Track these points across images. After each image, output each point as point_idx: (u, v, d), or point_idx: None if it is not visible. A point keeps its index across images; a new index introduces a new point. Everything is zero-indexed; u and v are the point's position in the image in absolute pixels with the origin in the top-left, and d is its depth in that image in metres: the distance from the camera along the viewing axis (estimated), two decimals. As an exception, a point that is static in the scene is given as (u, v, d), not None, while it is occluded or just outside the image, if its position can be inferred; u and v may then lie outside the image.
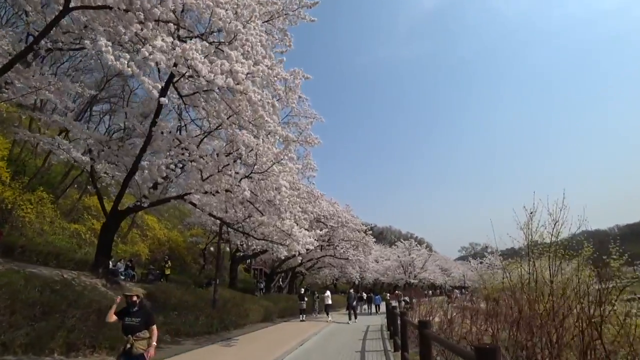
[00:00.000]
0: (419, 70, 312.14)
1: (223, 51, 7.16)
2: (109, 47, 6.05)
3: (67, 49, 11.35)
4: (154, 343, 4.60)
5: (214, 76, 6.39)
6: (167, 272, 18.45)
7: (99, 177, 13.60)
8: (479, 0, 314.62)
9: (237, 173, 9.04)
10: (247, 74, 6.84)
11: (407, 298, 21.98)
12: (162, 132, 9.71)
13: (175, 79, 9.35)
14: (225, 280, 27.58)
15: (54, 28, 7.98)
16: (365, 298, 29.56)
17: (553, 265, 6.37)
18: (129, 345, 4.40)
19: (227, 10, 7.21)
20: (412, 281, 28.16)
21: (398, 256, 28.13)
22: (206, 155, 9.28)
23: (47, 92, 9.55)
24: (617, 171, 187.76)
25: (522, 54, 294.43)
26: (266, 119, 7.57)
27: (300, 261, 29.09)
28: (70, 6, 7.24)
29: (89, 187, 22.52)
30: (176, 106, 13.42)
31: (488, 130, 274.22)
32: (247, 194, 8.62)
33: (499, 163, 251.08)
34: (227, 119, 9.02)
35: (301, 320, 19.08)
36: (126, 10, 6.78)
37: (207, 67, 6.45)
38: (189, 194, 11.48)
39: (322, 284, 51.02)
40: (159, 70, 9.81)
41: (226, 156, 9.16)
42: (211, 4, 7.08)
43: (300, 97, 11.78)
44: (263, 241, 14.52)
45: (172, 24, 7.47)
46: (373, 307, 28.36)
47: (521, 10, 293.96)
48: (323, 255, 26.70)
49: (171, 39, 6.59)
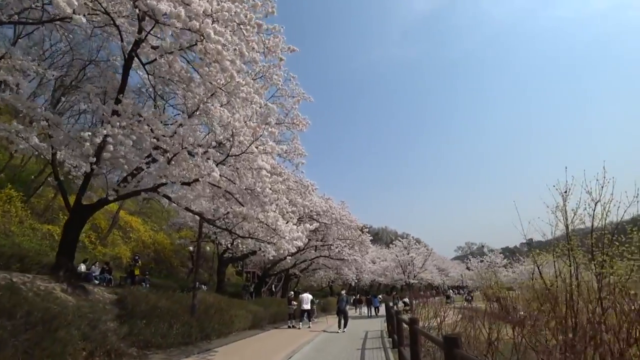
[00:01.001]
0: (412, 71, 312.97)
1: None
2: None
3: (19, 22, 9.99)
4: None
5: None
6: (136, 272, 16.90)
7: (64, 168, 12.13)
8: (470, 3, 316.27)
9: (205, 152, 7.62)
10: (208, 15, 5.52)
11: (406, 299, 20.61)
12: (125, 112, 8.28)
13: (138, 49, 7.94)
14: (214, 283, 26.14)
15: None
16: (364, 300, 28.47)
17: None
18: None
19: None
20: (412, 281, 26.78)
21: (396, 255, 26.75)
22: (172, 136, 7.86)
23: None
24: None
25: (510, 55, 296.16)
26: (237, 79, 6.21)
27: (293, 262, 27.72)
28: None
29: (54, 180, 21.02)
30: (151, 90, 12.01)
31: (480, 130, 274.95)
32: (216, 174, 7.23)
33: (493, 162, 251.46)
34: (206, 99, 7.69)
35: (289, 327, 17.60)
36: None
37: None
38: (163, 185, 10.07)
39: (317, 287, 49.50)
40: (121, 39, 8.40)
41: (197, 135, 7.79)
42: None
43: (287, 75, 10.45)
44: (248, 239, 13.18)
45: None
46: (372, 309, 27.13)
47: (510, 12, 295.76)
48: (317, 256, 25.28)
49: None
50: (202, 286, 26.33)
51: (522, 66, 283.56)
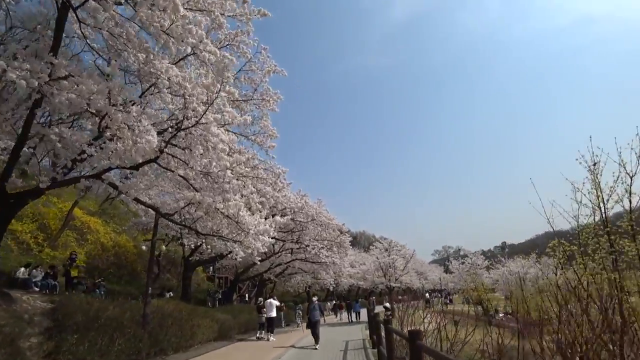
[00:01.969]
0: (394, 77, 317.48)
1: None
2: None
3: None
4: None
5: None
6: (73, 273, 14.79)
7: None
8: (447, 13, 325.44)
9: (143, 110, 6.04)
10: None
11: (387, 304, 19.34)
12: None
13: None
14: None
15: None
16: (344, 306, 27.53)
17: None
18: None
19: None
20: (394, 285, 25.63)
21: (377, 258, 25.54)
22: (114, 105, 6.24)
23: None
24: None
25: (488, 62, 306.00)
26: (182, 10, 4.73)
27: (268, 267, 26.02)
28: None
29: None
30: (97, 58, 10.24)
31: (455, 135, 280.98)
32: (154, 140, 5.67)
33: (469, 167, 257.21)
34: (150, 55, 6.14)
35: (258, 338, 15.91)
36: None
37: None
38: (109, 170, 8.36)
39: (294, 292, 47.69)
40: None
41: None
42: None
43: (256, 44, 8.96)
44: (213, 238, 11.57)
45: None
46: (353, 314, 25.94)
47: (484, 24, 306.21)
48: (293, 259, 23.70)
49: None
50: (168, 293, 24.23)
51: (500, 73, 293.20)
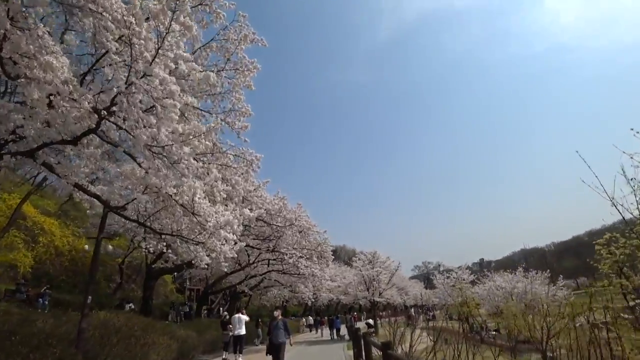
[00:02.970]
0: (377, 93, 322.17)
1: None
2: None
3: None
4: None
5: None
6: None
7: None
8: (429, 35, 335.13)
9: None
10: None
11: (370, 320, 17.79)
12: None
13: None
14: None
15: None
16: (325, 321, 25.99)
17: None
18: None
19: None
20: (377, 299, 24.00)
21: (360, 270, 23.93)
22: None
23: None
24: (553, 192, 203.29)
25: (468, 83, 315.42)
26: None
27: (242, 278, 24.03)
28: None
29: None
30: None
31: (438, 152, 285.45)
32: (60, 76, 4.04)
33: (449, 185, 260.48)
34: None
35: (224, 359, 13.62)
36: None
37: None
38: (44, 146, 6.63)
39: (270, 307, 45.30)
40: None
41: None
42: None
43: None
44: (169, 237, 9.85)
45: None
46: (334, 331, 24.29)
47: (466, 47, 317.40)
48: (269, 271, 21.87)
49: None
50: (128, 305, 21.89)
51: (480, 93, 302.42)
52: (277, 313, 9.75)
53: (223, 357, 13.65)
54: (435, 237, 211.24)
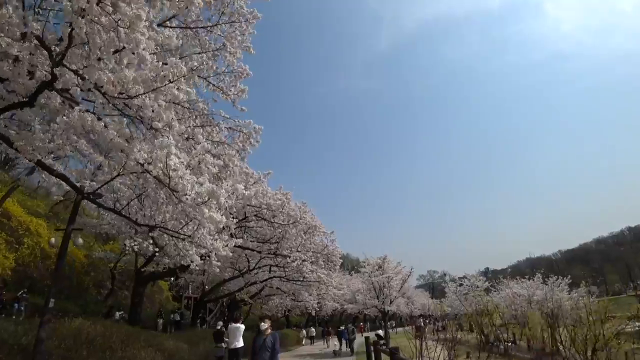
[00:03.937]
0: (376, 101, 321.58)
1: None
2: None
3: None
4: None
5: None
6: None
7: None
8: (428, 45, 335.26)
9: None
10: None
11: (380, 331, 16.13)
12: None
13: None
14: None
15: None
16: (333, 332, 24.43)
17: None
18: None
19: None
20: (388, 308, 22.11)
21: (369, 276, 22.08)
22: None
23: None
24: (560, 200, 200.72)
25: (467, 92, 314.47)
26: None
27: (241, 285, 22.42)
28: None
29: None
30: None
31: (437, 161, 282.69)
32: None
33: (450, 193, 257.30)
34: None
35: None
36: None
37: None
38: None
39: (272, 317, 43.41)
40: None
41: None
42: None
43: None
44: (156, 233, 8.44)
45: None
46: (344, 343, 22.64)
47: (464, 57, 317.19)
48: (270, 277, 20.30)
49: None
50: (118, 313, 20.33)
51: (478, 102, 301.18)
52: (266, 325, 6.23)
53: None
54: (438, 247, 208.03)
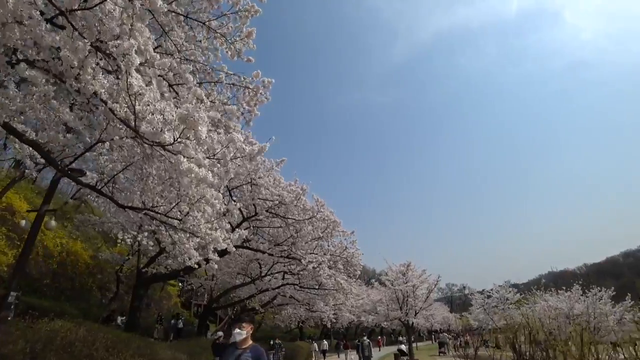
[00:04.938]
0: (392, 112, 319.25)
1: None
2: None
3: None
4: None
5: None
6: None
7: None
8: (444, 56, 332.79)
9: None
10: None
11: (403, 346, 14.23)
12: None
13: None
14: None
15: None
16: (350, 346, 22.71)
17: None
18: None
19: None
20: (412, 320, 19.88)
21: (392, 284, 19.93)
22: None
23: None
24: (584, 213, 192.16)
25: (482, 102, 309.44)
26: None
27: (252, 292, 20.88)
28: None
29: None
30: None
31: (457, 172, 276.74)
32: None
33: (472, 205, 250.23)
34: None
35: None
36: None
37: None
38: None
39: (285, 328, 41.44)
40: None
41: None
42: None
43: None
44: (147, 222, 7.09)
45: None
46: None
47: (481, 67, 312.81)
48: (283, 284, 18.70)
49: None
50: (120, 318, 19.04)
51: (497, 112, 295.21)
52: (243, 332, 3.66)
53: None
54: (455, 261, 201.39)
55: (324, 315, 22.41)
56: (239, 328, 3.72)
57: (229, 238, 6.82)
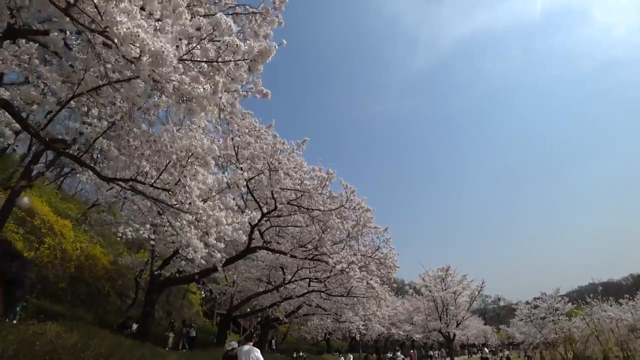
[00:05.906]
0: (413, 123, 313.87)
1: None
2: None
3: None
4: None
5: None
6: None
7: None
8: (467, 61, 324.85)
9: None
10: None
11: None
12: None
13: None
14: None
15: None
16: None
17: None
18: None
19: None
20: (454, 332, 17.46)
21: (429, 291, 17.56)
22: None
23: None
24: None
25: (508, 107, 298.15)
26: None
27: (274, 300, 19.40)
28: None
29: None
30: None
31: (484, 179, 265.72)
32: None
33: (504, 213, 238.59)
34: None
35: None
36: None
37: None
38: None
39: (311, 340, 39.48)
40: None
41: None
42: None
43: None
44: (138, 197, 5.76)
45: None
46: None
47: (506, 71, 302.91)
48: (309, 291, 17.13)
49: None
50: (135, 324, 18.01)
51: (525, 117, 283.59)
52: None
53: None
54: (488, 272, 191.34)
55: (353, 326, 20.51)
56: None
57: (236, 221, 5.43)
